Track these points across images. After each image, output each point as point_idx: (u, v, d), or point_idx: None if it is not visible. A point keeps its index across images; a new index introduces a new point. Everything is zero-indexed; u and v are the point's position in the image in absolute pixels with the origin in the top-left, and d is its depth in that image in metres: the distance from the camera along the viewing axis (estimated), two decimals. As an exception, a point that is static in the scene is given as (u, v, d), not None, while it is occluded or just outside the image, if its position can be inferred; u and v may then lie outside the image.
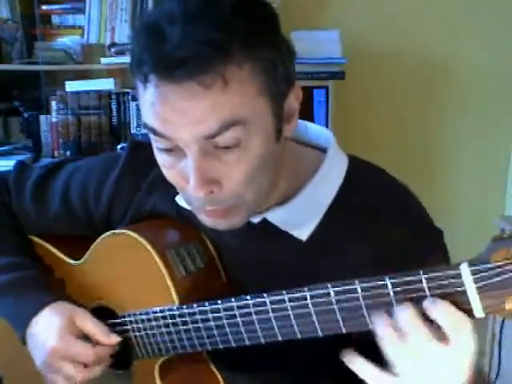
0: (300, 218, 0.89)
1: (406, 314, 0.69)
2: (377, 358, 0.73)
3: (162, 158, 0.84)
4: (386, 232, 0.88)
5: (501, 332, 2.27)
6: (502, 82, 2.67)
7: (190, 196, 0.83)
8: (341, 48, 2.43)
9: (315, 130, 0.97)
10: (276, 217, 0.90)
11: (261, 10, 0.80)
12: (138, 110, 2.45)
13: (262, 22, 0.78)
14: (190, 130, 0.76)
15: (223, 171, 0.80)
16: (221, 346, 0.88)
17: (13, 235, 1.11)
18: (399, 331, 0.69)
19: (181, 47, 0.73)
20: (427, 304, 0.68)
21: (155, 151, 0.85)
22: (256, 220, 0.91)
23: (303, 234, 0.90)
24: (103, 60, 2.47)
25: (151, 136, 0.82)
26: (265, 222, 0.90)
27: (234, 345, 0.86)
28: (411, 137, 2.76)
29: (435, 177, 2.76)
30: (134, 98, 2.45)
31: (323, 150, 0.93)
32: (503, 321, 2.24)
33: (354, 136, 2.56)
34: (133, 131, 2.50)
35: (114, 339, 0.97)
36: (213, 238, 0.97)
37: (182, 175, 0.81)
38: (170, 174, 0.84)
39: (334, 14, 2.65)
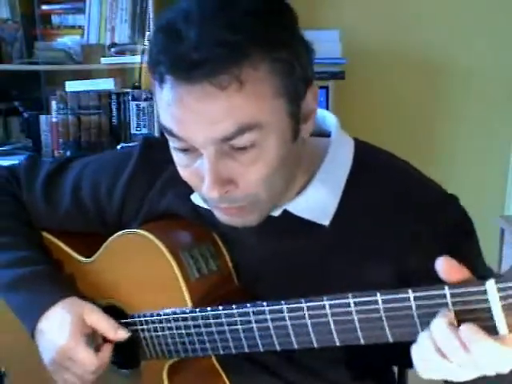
0: (319, 203, 0.89)
1: (443, 336, 0.67)
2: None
3: (178, 157, 0.84)
4: (406, 206, 0.88)
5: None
6: (502, 81, 2.67)
7: (205, 194, 0.83)
8: (341, 48, 2.43)
9: (320, 116, 0.97)
10: (296, 207, 0.89)
11: (278, 10, 0.80)
12: (138, 109, 2.45)
13: (278, 23, 0.78)
14: (206, 132, 0.76)
15: (239, 171, 0.80)
16: (233, 351, 0.87)
17: (25, 228, 1.11)
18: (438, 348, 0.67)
19: (197, 49, 0.73)
20: (465, 335, 0.65)
21: (171, 150, 0.85)
22: (277, 213, 0.91)
23: (325, 218, 0.89)
24: (103, 60, 2.47)
25: (168, 136, 0.82)
26: (285, 213, 0.90)
27: (247, 350, 0.86)
28: (411, 136, 2.75)
29: (435, 176, 2.75)
30: (134, 98, 2.45)
31: (329, 135, 0.94)
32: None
33: (353, 135, 2.56)
34: (133, 131, 2.49)
35: (122, 334, 0.96)
36: (231, 234, 0.96)
37: (198, 174, 0.82)
38: (185, 173, 0.85)
39: (334, 14, 2.64)
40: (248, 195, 0.82)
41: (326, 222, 0.89)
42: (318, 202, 0.89)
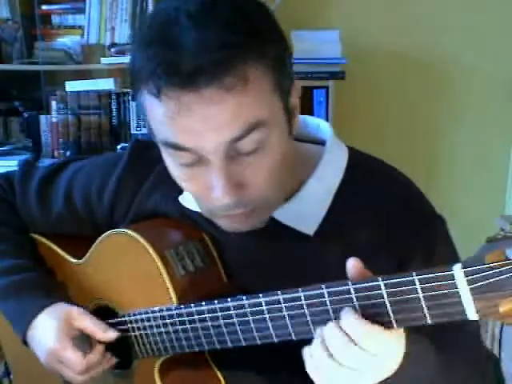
0: (306, 212, 0.89)
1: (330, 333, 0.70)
2: None
3: (181, 172, 0.82)
4: (393, 218, 0.88)
5: (501, 332, 2.27)
6: (502, 81, 2.67)
7: (212, 204, 0.81)
8: (341, 48, 2.43)
9: (314, 124, 0.97)
10: (282, 214, 0.89)
11: (259, 9, 0.80)
12: (139, 110, 2.44)
13: (265, 21, 0.79)
14: (215, 137, 0.75)
15: (248, 174, 0.79)
16: (218, 347, 0.88)
17: (16, 235, 1.11)
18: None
19: (197, 54, 0.72)
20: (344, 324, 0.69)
21: (172, 166, 0.83)
22: None
23: (310, 228, 0.89)
24: (103, 60, 2.47)
25: (170, 151, 0.80)
26: (271, 219, 0.89)
27: (230, 345, 0.86)
28: (411, 137, 2.76)
29: (435, 176, 2.76)
30: (134, 98, 2.44)
31: (323, 143, 0.93)
32: (503, 321, 2.24)
33: (354, 136, 2.55)
34: (133, 131, 2.49)
35: (111, 334, 0.97)
36: (217, 237, 0.96)
37: (205, 185, 0.80)
38: (191, 187, 0.83)
39: (334, 14, 2.64)
40: (258, 197, 0.81)
41: (311, 232, 0.89)
42: (304, 211, 0.89)
